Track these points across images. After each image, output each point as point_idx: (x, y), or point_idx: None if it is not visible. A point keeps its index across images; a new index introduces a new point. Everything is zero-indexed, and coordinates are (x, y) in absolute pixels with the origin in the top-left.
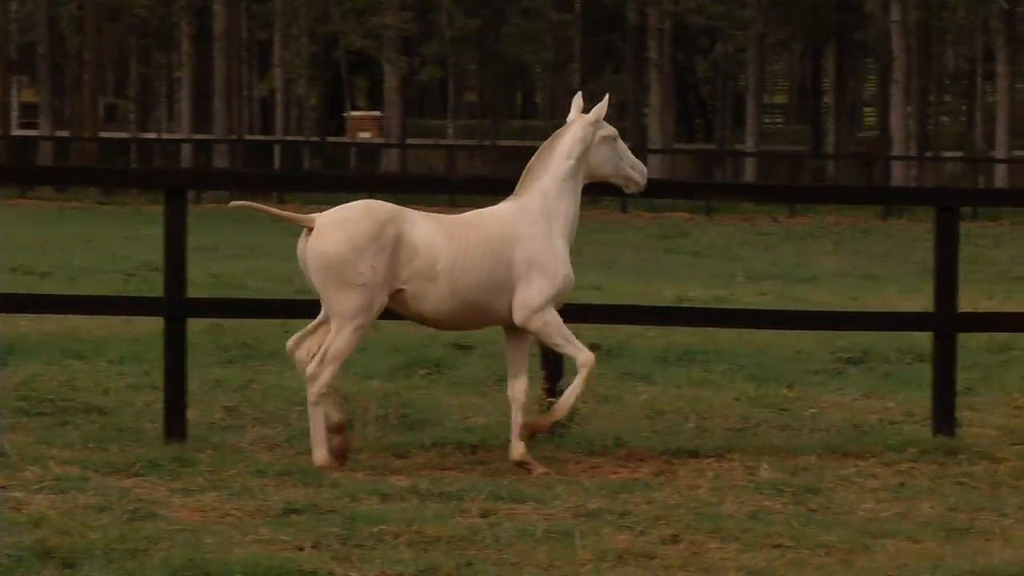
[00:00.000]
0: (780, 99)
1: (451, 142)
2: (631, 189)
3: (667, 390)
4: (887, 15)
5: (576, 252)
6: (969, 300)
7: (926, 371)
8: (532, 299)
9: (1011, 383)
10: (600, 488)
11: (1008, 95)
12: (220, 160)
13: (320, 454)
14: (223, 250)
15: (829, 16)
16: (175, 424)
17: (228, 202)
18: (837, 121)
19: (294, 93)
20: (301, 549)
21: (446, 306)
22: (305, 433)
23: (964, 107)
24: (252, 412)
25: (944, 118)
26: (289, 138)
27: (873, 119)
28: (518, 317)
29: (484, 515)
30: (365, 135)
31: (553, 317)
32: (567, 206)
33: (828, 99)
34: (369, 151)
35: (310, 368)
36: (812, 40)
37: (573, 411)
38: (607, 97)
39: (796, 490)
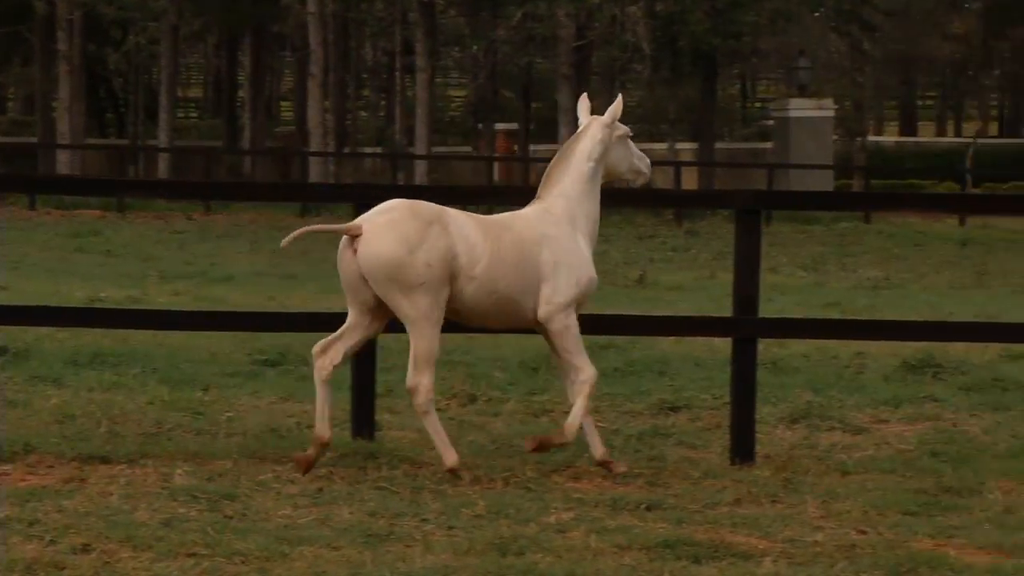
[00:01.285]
0: (195, 92)
1: None
2: (640, 181)
3: (78, 394)
4: (304, 7)
5: None
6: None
7: (345, 373)
8: (557, 296)
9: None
10: (8, 496)
11: (427, 90)
12: None
13: (450, 456)
14: None
15: (245, 8)
16: None
17: None
18: (253, 115)
19: None
20: None
21: (481, 305)
22: None
23: (383, 102)
24: None
25: (363, 113)
26: None
27: (291, 114)
28: (542, 312)
29: None
30: None
31: (574, 323)
32: (589, 207)
33: (244, 93)
34: None
35: (408, 382)
36: (228, 32)
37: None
38: (620, 97)
39: (212, 496)
